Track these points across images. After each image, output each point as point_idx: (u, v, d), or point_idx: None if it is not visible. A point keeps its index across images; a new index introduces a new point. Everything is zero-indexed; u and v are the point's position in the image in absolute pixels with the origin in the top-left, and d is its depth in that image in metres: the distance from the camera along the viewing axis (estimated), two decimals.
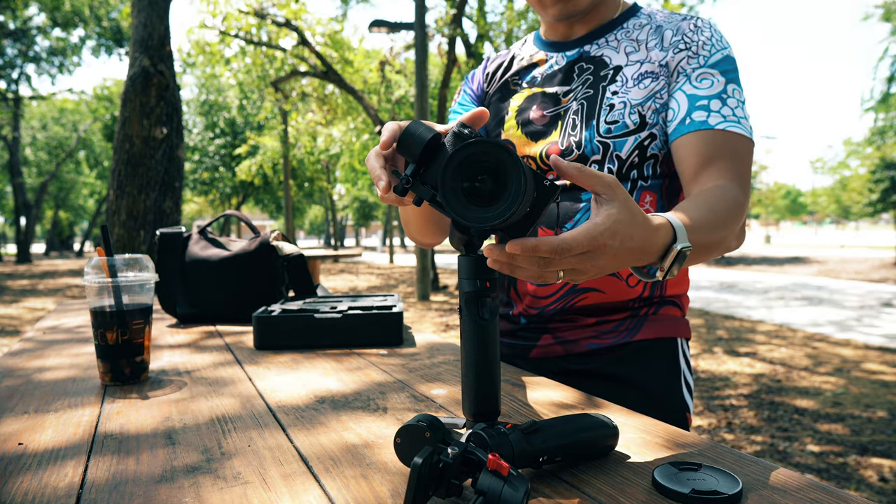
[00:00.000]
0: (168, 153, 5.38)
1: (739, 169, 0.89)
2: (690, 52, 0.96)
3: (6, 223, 40.78)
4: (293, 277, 1.45)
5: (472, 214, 0.54)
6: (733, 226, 0.83)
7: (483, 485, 0.44)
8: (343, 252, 6.18)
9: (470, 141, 0.54)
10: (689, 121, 0.92)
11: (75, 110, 27.43)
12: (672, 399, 0.99)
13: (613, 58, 1.01)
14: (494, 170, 0.54)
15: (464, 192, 0.55)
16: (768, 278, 12.04)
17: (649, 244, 0.64)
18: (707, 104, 0.91)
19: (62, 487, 0.53)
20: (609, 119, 0.97)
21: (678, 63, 0.96)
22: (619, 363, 0.99)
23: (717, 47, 0.96)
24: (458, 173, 0.55)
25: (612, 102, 0.97)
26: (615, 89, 0.98)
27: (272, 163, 15.29)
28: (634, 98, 0.96)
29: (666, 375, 1.00)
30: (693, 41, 0.96)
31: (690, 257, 0.73)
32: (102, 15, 19.13)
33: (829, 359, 4.74)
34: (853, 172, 28.22)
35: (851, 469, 2.60)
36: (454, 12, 9.02)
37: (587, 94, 1.00)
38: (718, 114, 0.91)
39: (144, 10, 5.51)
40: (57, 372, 0.97)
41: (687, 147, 0.91)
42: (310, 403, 0.78)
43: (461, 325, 0.62)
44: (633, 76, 0.98)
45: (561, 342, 1.01)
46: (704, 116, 0.91)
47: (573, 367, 1.00)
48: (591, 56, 1.03)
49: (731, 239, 0.84)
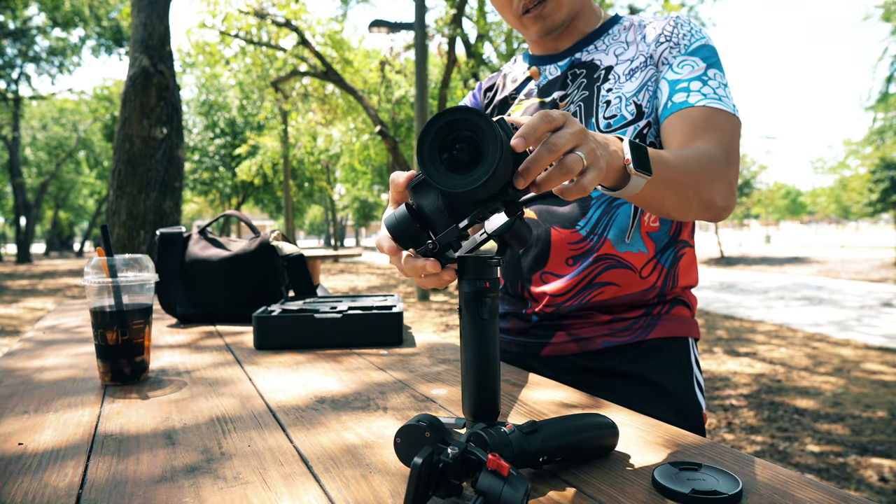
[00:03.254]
0: (168, 153, 5.38)
1: (721, 137, 0.91)
2: (671, 42, 1.00)
3: (6, 223, 40.78)
4: (293, 277, 1.45)
5: (450, 181, 0.54)
6: (706, 175, 0.84)
7: (483, 485, 0.44)
8: (343, 252, 6.18)
9: (443, 111, 0.55)
10: (671, 103, 0.95)
11: (75, 110, 27.42)
12: (688, 398, 1.00)
13: (604, 60, 1.05)
14: (472, 137, 0.54)
15: (444, 162, 0.55)
16: (768, 278, 12.04)
17: (609, 139, 0.66)
18: (687, 86, 0.95)
19: (62, 487, 0.53)
20: (607, 114, 1.00)
21: (661, 54, 1.00)
22: (635, 361, 0.99)
23: (695, 37, 1.00)
24: (434, 144, 0.55)
25: (608, 99, 1.00)
26: (609, 87, 1.02)
27: (272, 163, 15.29)
28: (628, 91, 1.00)
29: (680, 374, 1.01)
30: (673, 34, 1.01)
31: (659, 185, 0.73)
32: (102, 15, 19.13)
33: (829, 359, 4.74)
34: (853, 172, 28.22)
35: (851, 469, 2.60)
36: (454, 12, 9.01)
37: (583, 95, 1.04)
38: (698, 93, 0.93)
39: (144, 10, 5.51)
40: (57, 372, 0.97)
41: (670, 128, 0.94)
42: (310, 403, 0.78)
43: (461, 325, 0.62)
44: (625, 72, 1.02)
45: (576, 339, 1.02)
46: (685, 97, 0.94)
47: (588, 364, 1.01)
48: (582, 62, 1.07)
49: (706, 188, 0.84)
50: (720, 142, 0.90)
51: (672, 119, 0.94)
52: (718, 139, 0.90)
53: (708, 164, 0.85)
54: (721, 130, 0.91)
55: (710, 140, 0.90)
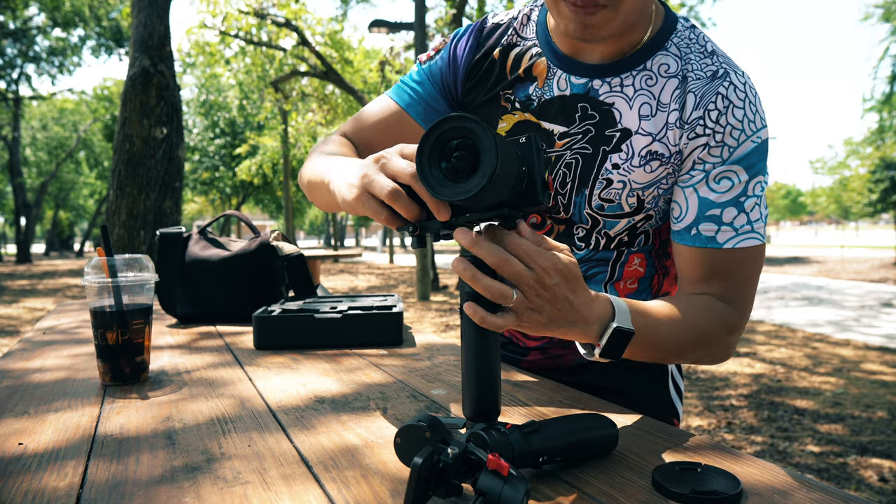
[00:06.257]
0: (168, 153, 5.38)
1: (740, 286, 0.81)
2: (714, 139, 0.79)
3: (6, 223, 40.78)
4: (293, 277, 1.45)
5: (444, 189, 0.54)
6: (704, 338, 0.78)
7: (483, 485, 0.44)
8: (343, 252, 6.18)
9: (443, 118, 0.55)
10: (696, 232, 0.81)
11: (75, 110, 27.43)
12: (659, 406, 0.98)
13: (624, 114, 0.84)
14: (471, 146, 0.54)
15: (444, 171, 0.55)
16: (768, 278, 12.03)
17: (587, 307, 0.62)
18: (720, 214, 0.79)
19: (62, 487, 0.53)
20: (605, 196, 0.86)
21: (694, 151, 0.81)
22: (606, 373, 0.97)
23: (747, 133, 0.79)
24: (435, 150, 0.55)
25: (610, 177, 0.85)
26: (617, 161, 0.84)
27: (272, 163, 15.29)
28: (637, 181, 0.84)
29: (652, 383, 0.99)
30: (719, 124, 0.79)
31: (639, 351, 0.71)
32: (102, 15, 19.13)
33: (829, 359, 4.74)
34: (853, 172, 28.21)
35: (851, 469, 2.60)
36: (454, 12, 9.02)
37: (585, 150, 0.86)
38: (730, 227, 0.79)
39: (144, 10, 5.51)
40: (57, 372, 0.97)
41: (688, 259, 0.82)
42: (310, 403, 0.78)
43: (461, 326, 0.62)
44: (641, 152, 0.83)
45: (549, 357, 1.01)
46: (714, 231, 0.80)
47: (562, 378, 0.99)
48: (598, 100, 0.85)
49: (698, 350, 0.79)
50: (736, 291, 0.81)
51: (693, 251, 0.81)
52: (735, 289, 0.81)
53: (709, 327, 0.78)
54: (741, 276, 0.81)
55: (726, 286, 0.81)
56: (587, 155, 0.86)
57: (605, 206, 0.87)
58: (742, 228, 0.79)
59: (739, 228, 0.79)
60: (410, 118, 0.97)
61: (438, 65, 0.97)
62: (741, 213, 0.79)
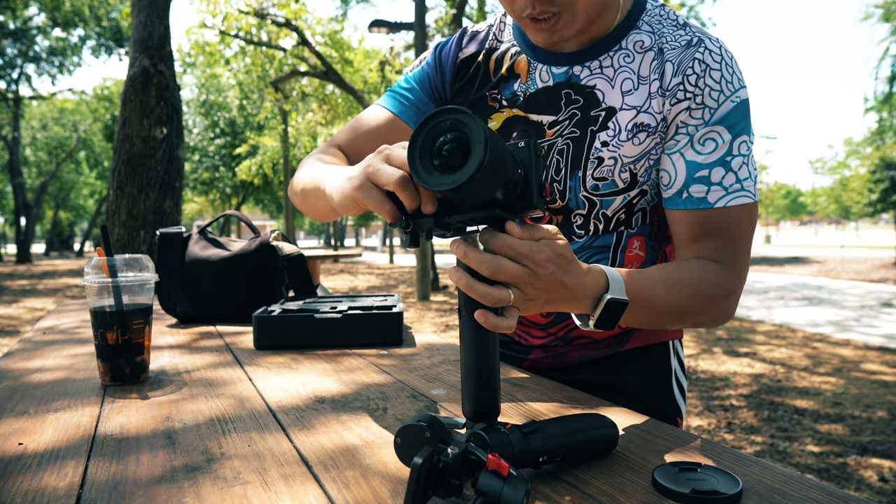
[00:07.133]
0: (168, 153, 5.38)
1: (734, 245, 0.83)
2: (695, 102, 0.82)
3: (6, 223, 40.77)
4: (293, 277, 1.45)
5: (431, 179, 0.54)
6: (702, 300, 0.79)
7: (483, 485, 0.44)
8: (343, 252, 6.19)
9: (436, 110, 0.55)
10: (686, 195, 0.83)
11: (75, 110, 27.43)
12: (662, 406, 0.98)
13: (606, 93, 0.87)
14: (463, 140, 0.54)
15: (437, 168, 0.55)
16: (768, 278, 12.04)
17: (580, 285, 0.63)
18: (708, 175, 0.82)
19: (62, 487, 0.53)
20: (597, 175, 0.87)
21: (677, 116, 0.83)
22: (609, 371, 0.98)
23: (726, 93, 0.81)
24: (427, 142, 0.55)
25: (601, 155, 0.86)
26: (605, 139, 0.86)
27: (272, 163, 15.29)
28: (627, 155, 0.86)
29: (656, 380, 0.99)
30: (698, 87, 0.82)
31: (638, 317, 0.73)
32: (102, 15, 19.13)
33: (829, 359, 4.74)
34: (853, 172, 28.22)
35: (851, 469, 2.60)
36: (454, 12, 9.02)
37: (573, 133, 0.88)
38: (720, 186, 0.81)
39: (144, 10, 5.51)
40: (57, 372, 0.97)
41: (681, 222, 0.85)
42: (309, 403, 0.78)
43: (461, 326, 0.62)
44: (627, 126, 0.85)
45: (552, 356, 1.01)
46: (703, 192, 0.82)
47: (564, 377, 0.99)
48: (580, 84, 0.88)
49: (698, 312, 0.80)
50: (730, 252, 0.83)
51: (685, 213, 0.83)
52: (729, 249, 0.83)
53: (706, 288, 0.79)
54: (735, 235, 0.83)
55: (719, 245, 0.82)
56: (576, 138, 0.88)
57: (600, 185, 0.88)
58: (732, 187, 0.82)
59: (729, 187, 0.81)
60: (403, 123, 0.99)
61: (425, 70, 1.01)
62: (729, 173, 0.81)
